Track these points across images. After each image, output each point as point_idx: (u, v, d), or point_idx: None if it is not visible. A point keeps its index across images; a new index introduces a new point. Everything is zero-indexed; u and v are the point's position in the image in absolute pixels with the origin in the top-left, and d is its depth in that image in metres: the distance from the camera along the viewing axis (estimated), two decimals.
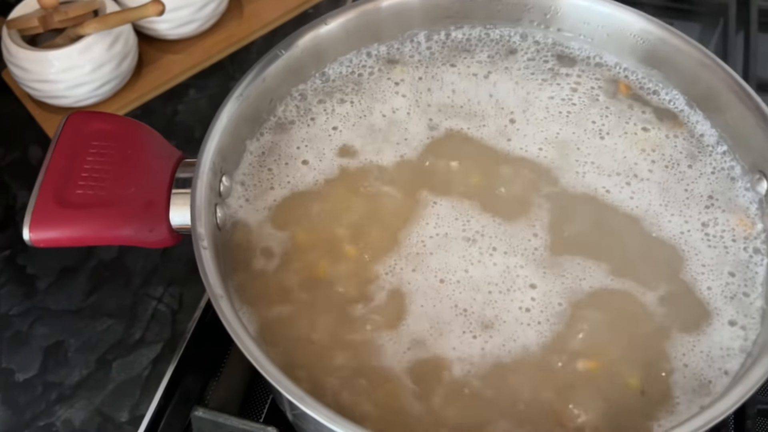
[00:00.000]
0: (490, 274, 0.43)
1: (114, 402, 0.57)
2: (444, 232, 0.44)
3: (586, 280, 0.43)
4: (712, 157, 0.48)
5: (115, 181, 0.42)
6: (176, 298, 0.62)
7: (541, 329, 0.41)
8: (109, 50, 0.67)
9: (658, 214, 0.45)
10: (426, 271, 0.43)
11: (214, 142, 0.44)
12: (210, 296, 0.38)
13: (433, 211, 0.45)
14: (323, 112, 0.51)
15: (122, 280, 0.63)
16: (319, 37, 0.50)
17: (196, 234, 0.40)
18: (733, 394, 0.34)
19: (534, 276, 0.43)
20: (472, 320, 0.41)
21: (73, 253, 0.64)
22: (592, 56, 0.52)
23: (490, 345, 0.41)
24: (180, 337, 0.60)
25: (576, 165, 0.48)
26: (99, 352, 0.59)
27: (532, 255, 0.44)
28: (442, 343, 0.41)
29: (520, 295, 0.42)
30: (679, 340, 0.41)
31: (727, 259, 0.44)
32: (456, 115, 0.50)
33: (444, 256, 0.43)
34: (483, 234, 0.44)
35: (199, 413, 0.51)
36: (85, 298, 0.62)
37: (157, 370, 0.59)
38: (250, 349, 0.36)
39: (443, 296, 0.42)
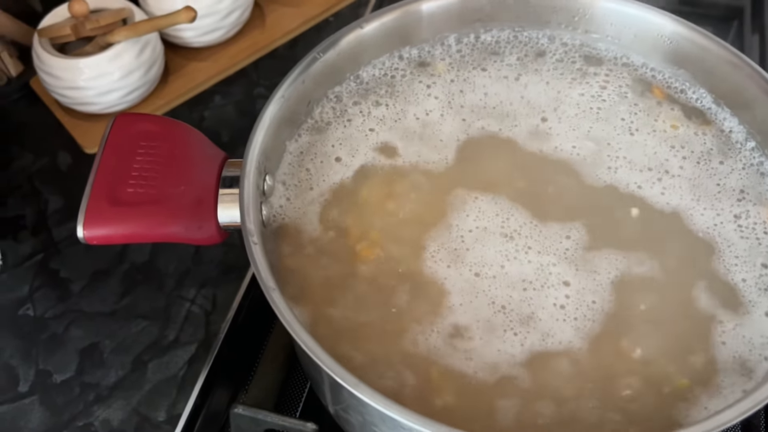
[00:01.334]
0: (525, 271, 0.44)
1: (151, 402, 0.58)
2: (484, 225, 0.46)
3: (620, 274, 0.44)
4: (741, 153, 0.49)
5: (164, 179, 0.43)
6: (209, 299, 0.63)
7: (577, 325, 0.42)
8: (138, 58, 0.68)
9: (690, 208, 0.46)
10: (462, 265, 0.44)
11: (259, 141, 0.45)
12: (263, 289, 0.39)
13: (471, 207, 0.47)
14: (359, 114, 0.52)
15: (155, 282, 0.64)
16: (354, 40, 0.51)
17: (246, 230, 0.41)
18: None
19: (567, 273, 0.44)
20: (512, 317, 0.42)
21: (106, 256, 0.65)
22: (619, 56, 0.54)
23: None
24: (214, 337, 0.61)
25: (608, 160, 0.49)
26: (134, 353, 0.60)
27: (564, 254, 0.45)
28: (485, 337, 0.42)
29: (554, 291, 0.43)
30: (718, 330, 0.42)
31: (759, 251, 0.45)
32: (488, 116, 0.51)
33: (481, 251, 0.45)
34: (520, 233, 0.45)
35: (239, 410, 0.52)
36: (118, 300, 0.63)
37: (192, 370, 0.59)
38: (304, 339, 0.37)
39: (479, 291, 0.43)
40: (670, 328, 0.42)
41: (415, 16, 0.52)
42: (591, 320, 0.42)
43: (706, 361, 0.41)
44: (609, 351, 0.41)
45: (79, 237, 0.41)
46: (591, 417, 0.39)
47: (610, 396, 0.40)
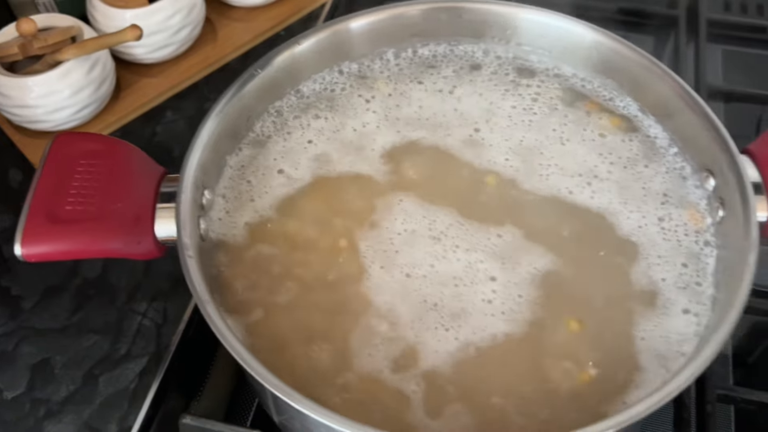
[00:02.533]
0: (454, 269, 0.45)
1: (102, 415, 0.59)
2: (412, 228, 0.47)
3: (547, 273, 0.46)
4: (665, 158, 0.51)
5: (103, 197, 0.44)
6: (160, 312, 0.64)
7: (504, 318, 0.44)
8: (88, 75, 0.69)
9: (618, 212, 0.48)
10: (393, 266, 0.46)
11: (196, 157, 0.46)
12: (197, 302, 0.40)
13: (398, 211, 0.48)
14: (299, 127, 0.53)
15: (107, 297, 0.64)
16: (293, 56, 0.53)
17: (181, 244, 0.42)
18: (686, 372, 0.37)
19: (494, 269, 0.46)
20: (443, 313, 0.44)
21: (58, 272, 0.65)
22: (551, 68, 0.56)
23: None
24: (165, 350, 0.61)
25: (540, 168, 0.51)
26: (85, 368, 0.61)
27: (492, 250, 0.46)
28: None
29: (482, 287, 0.45)
30: (639, 328, 0.44)
31: (680, 251, 0.47)
32: (422, 127, 0.53)
33: (410, 252, 0.46)
34: (447, 234, 0.47)
35: (187, 420, 0.53)
36: (70, 316, 0.63)
37: (143, 382, 0.60)
38: (237, 349, 0.38)
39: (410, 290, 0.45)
40: (592, 325, 0.44)
41: (345, 35, 0.53)
42: (517, 314, 0.44)
43: (627, 356, 0.43)
44: (532, 345, 0.43)
45: (17, 254, 0.42)
46: (515, 410, 0.41)
47: (533, 390, 0.42)
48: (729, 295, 0.40)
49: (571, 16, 0.54)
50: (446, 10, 0.54)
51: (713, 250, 0.47)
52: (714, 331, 0.39)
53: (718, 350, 0.38)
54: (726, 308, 0.40)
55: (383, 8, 0.53)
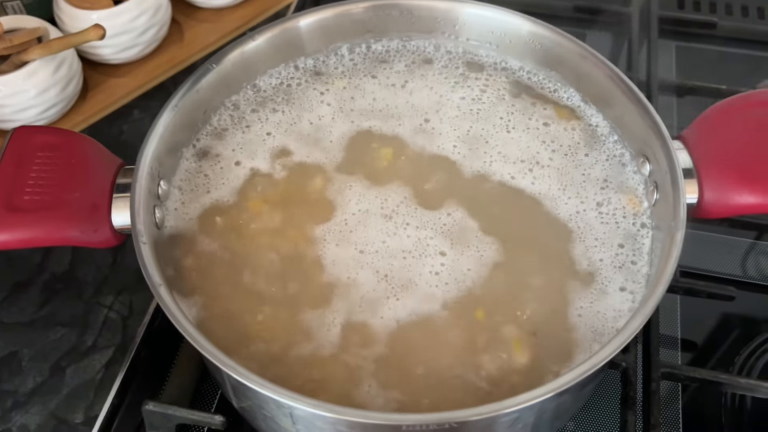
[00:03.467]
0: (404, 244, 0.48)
1: (69, 405, 0.60)
2: (365, 208, 0.49)
3: (489, 253, 0.48)
4: (606, 145, 0.53)
5: (61, 187, 0.45)
6: (126, 305, 0.65)
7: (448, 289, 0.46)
8: (54, 75, 0.71)
9: (557, 197, 0.51)
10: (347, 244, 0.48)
11: (151, 149, 0.48)
12: (149, 285, 0.42)
13: (353, 194, 0.51)
14: (257, 120, 0.55)
15: (74, 291, 0.66)
16: (247, 52, 0.54)
17: (135, 231, 0.44)
18: (615, 340, 0.39)
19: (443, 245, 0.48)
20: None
21: (25, 268, 0.67)
22: (499, 62, 0.58)
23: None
24: (131, 341, 0.63)
25: (484, 156, 0.53)
26: (52, 360, 0.62)
27: (441, 229, 0.48)
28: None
29: (431, 260, 0.47)
30: (576, 305, 0.46)
31: (617, 233, 0.49)
32: (375, 118, 0.55)
33: (364, 231, 0.49)
34: (398, 212, 0.49)
35: (150, 407, 0.55)
36: (37, 309, 0.65)
37: (109, 372, 0.61)
38: (188, 330, 0.40)
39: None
40: (531, 304, 0.46)
41: (295, 32, 0.55)
42: (460, 287, 0.46)
43: (563, 330, 0.45)
44: (470, 317, 0.45)
45: None
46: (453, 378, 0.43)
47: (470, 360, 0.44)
48: (659, 271, 0.43)
49: (521, 12, 0.56)
50: (396, 6, 0.56)
51: (649, 231, 0.49)
52: (643, 305, 0.41)
53: (644, 321, 0.40)
54: (655, 284, 0.42)
55: (330, 6, 0.55)
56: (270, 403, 0.42)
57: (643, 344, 0.56)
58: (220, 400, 0.60)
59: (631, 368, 0.54)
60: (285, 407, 0.40)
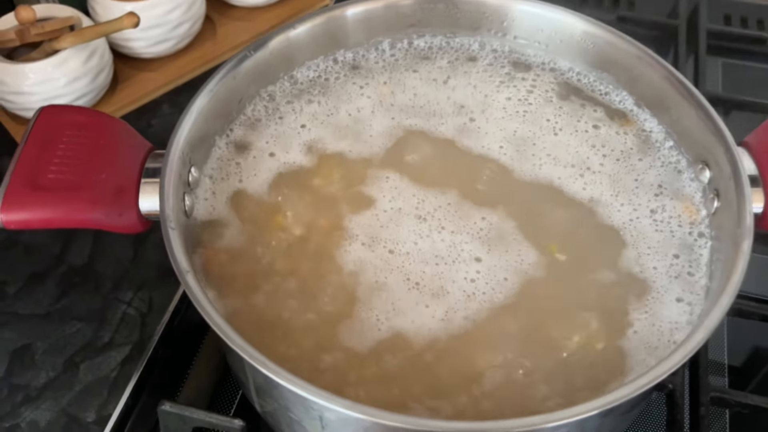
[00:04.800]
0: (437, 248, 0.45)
1: (81, 403, 0.57)
2: (398, 207, 0.47)
3: (534, 260, 0.45)
4: (660, 152, 0.50)
5: (87, 167, 0.43)
6: (146, 302, 0.63)
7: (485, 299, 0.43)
8: (85, 64, 0.69)
9: (609, 204, 0.48)
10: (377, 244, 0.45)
11: (184, 134, 0.46)
12: (177, 273, 0.39)
13: (390, 188, 0.48)
14: (291, 112, 0.53)
15: (92, 285, 0.63)
16: (287, 41, 0.52)
17: (164, 215, 0.41)
18: (677, 354, 0.36)
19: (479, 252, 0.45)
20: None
21: (44, 259, 0.65)
22: (547, 62, 0.55)
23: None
24: (149, 339, 0.60)
25: (532, 158, 0.50)
26: (67, 355, 0.60)
27: (478, 234, 0.45)
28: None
29: (465, 266, 0.44)
30: (628, 316, 0.43)
31: (672, 243, 0.46)
32: (416, 115, 0.53)
33: (395, 230, 0.46)
34: (434, 216, 0.46)
35: (166, 407, 0.52)
36: (54, 302, 0.62)
37: (125, 371, 0.59)
38: (215, 320, 0.37)
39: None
40: (579, 314, 0.43)
41: (340, 22, 0.53)
42: (499, 295, 0.43)
43: (614, 344, 0.42)
44: (513, 329, 0.42)
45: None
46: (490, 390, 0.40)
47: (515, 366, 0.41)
48: (723, 282, 0.39)
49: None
50: (442, 0, 0.54)
51: (707, 241, 0.46)
52: (706, 317, 0.38)
53: (709, 335, 0.37)
54: (719, 294, 0.39)
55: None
56: (298, 405, 0.39)
57: (691, 366, 0.53)
58: (239, 404, 0.57)
59: (678, 391, 0.51)
60: (315, 409, 0.37)
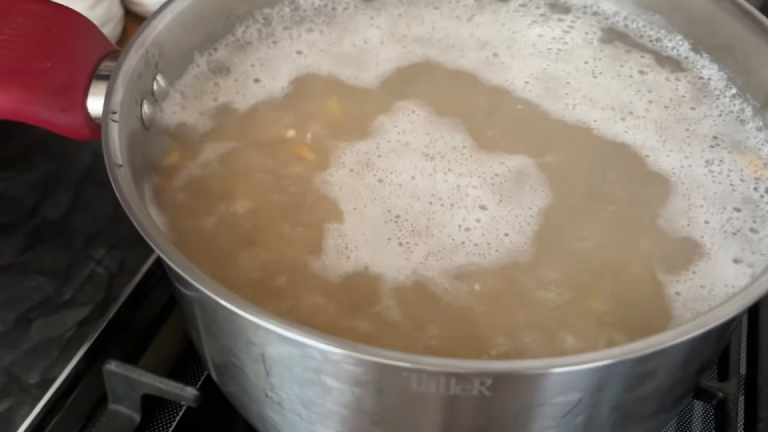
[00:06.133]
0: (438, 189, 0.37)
1: (26, 363, 0.50)
2: (407, 140, 0.39)
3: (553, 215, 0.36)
4: (720, 100, 0.42)
5: (30, 53, 0.37)
6: (117, 261, 0.56)
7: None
8: (89, 11, 0.65)
9: (655, 149, 0.39)
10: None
11: (153, 32, 0.40)
12: (108, 168, 0.32)
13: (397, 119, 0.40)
14: (288, 38, 0.46)
15: (63, 240, 0.57)
16: None
17: (108, 104, 0.34)
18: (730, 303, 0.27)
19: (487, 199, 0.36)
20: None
21: (16, 210, 0.59)
22: (590, 4, 0.48)
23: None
24: (113, 301, 0.53)
25: (565, 98, 0.42)
26: (20, 310, 0.53)
27: (492, 180, 0.37)
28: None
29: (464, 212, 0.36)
30: (670, 278, 0.34)
31: (734, 196, 0.37)
32: (432, 47, 0.45)
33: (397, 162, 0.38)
34: (443, 155, 0.38)
35: (111, 367, 0.44)
36: (18, 255, 0.56)
37: (81, 332, 0.52)
38: (137, 216, 0.30)
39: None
40: (604, 276, 0.34)
41: None
42: (496, 250, 0.34)
43: (650, 314, 0.32)
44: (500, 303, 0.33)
45: None
46: None
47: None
48: None
49: None
50: None
51: None
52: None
53: None
54: None
55: None
56: (238, 340, 0.31)
57: (747, 372, 0.43)
58: (204, 384, 0.49)
59: (732, 400, 0.41)
60: (256, 344, 0.29)
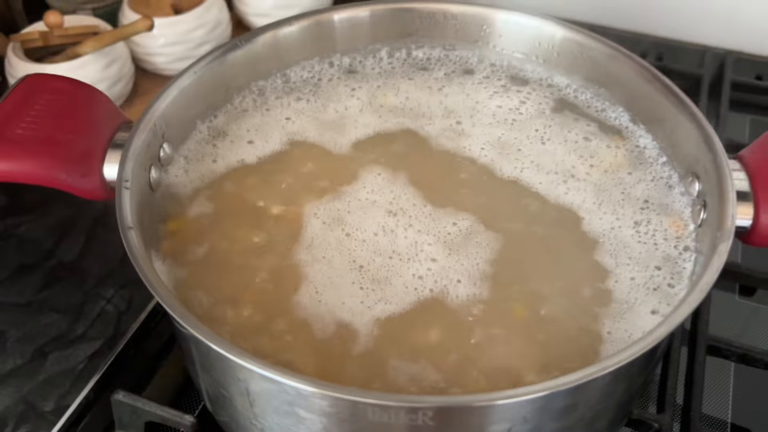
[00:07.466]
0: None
1: (42, 392, 0.56)
2: (373, 199, 0.45)
3: (500, 262, 0.42)
4: (653, 167, 0.48)
5: (56, 127, 0.43)
6: (126, 300, 0.62)
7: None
8: (104, 71, 0.71)
9: (591, 211, 0.45)
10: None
11: (160, 106, 0.46)
12: (120, 229, 0.38)
13: (368, 181, 0.46)
14: (279, 106, 0.52)
15: (77, 279, 0.63)
16: (280, 36, 0.53)
17: (121, 173, 0.41)
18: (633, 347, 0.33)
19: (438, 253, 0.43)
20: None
21: (35, 251, 0.65)
22: (545, 77, 0.54)
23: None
24: (121, 336, 0.59)
25: (515, 162, 0.48)
26: (37, 344, 0.59)
27: (444, 238, 0.43)
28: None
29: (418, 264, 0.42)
30: (598, 323, 0.39)
31: (656, 255, 0.43)
32: (405, 115, 0.52)
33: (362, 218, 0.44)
34: (405, 211, 0.45)
35: (119, 397, 0.50)
36: (36, 293, 0.62)
37: (92, 364, 0.57)
38: (147, 274, 0.36)
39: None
40: (545, 320, 0.40)
41: (330, 25, 0.53)
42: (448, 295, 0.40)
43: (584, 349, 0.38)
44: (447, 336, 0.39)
45: None
46: None
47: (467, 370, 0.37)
48: (695, 281, 0.36)
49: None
50: (441, 11, 0.54)
51: (692, 254, 0.42)
52: (673, 312, 0.34)
53: (672, 328, 0.34)
54: (690, 292, 0.35)
55: (369, 3, 0.53)
56: (226, 374, 0.36)
57: (684, 405, 0.49)
58: (200, 413, 0.55)
59: (666, 431, 0.46)
60: (241, 379, 0.35)
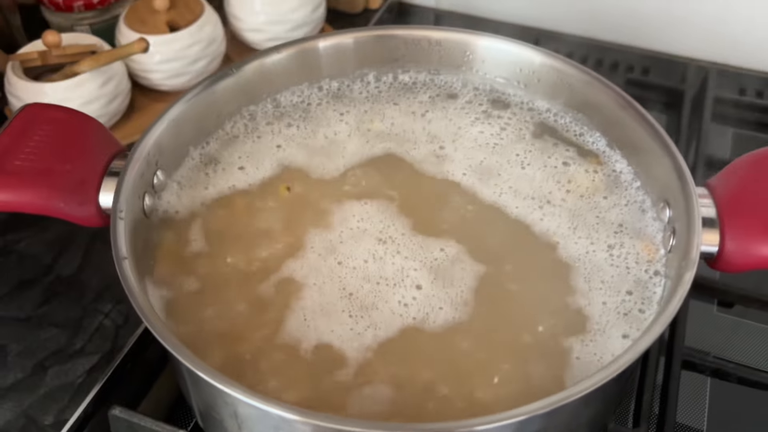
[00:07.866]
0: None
1: (42, 406, 0.58)
2: (363, 228, 0.47)
3: (481, 287, 0.44)
4: (627, 191, 0.50)
5: (53, 157, 0.45)
6: (123, 314, 0.64)
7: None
8: (101, 88, 0.73)
9: (566, 236, 0.47)
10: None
11: (153, 135, 0.48)
12: (115, 259, 0.40)
13: (357, 211, 0.48)
14: (270, 132, 0.54)
15: (75, 294, 0.65)
16: (270, 64, 0.54)
17: (116, 205, 0.42)
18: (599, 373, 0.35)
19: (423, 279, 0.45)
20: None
21: (34, 267, 0.67)
22: (525, 102, 0.56)
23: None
24: (119, 350, 0.61)
25: (494, 187, 0.50)
26: (38, 359, 0.60)
27: (431, 264, 0.45)
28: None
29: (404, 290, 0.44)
30: (568, 347, 0.41)
31: (627, 279, 0.45)
32: (391, 140, 0.54)
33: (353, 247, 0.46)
34: (393, 239, 0.47)
35: (116, 412, 0.52)
36: (36, 308, 0.64)
37: (90, 379, 0.59)
38: (140, 304, 0.38)
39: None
40: (520, 341, 0.42)
41: (315, 53, 0.55)
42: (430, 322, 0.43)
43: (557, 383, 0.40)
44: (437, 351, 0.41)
45: None
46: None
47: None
48: (660, 310, 0.38)
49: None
50: (425, 38, 0.56)
51: (662, 279, 0.44)
52: (637, 342, 0.36)
53: (636, 358, 0.36)
54: (655, 320, 0.37)
55: (353, 31, 0.55)
56: (216, 398, 0.39)
57: (659, 419, 0.50)
58: (194, 427, 0.57)
59: None
60: (229, 403, 0.37)
